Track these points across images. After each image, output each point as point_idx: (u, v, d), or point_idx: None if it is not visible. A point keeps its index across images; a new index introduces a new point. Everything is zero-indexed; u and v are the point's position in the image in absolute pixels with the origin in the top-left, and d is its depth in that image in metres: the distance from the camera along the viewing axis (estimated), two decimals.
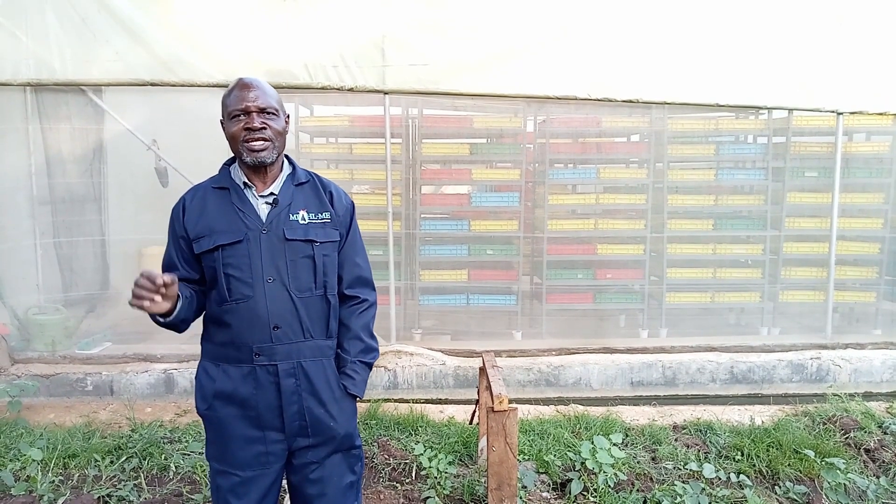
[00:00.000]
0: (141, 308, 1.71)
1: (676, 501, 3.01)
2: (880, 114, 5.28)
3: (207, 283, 1.94)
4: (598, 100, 4.93)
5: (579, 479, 3.18)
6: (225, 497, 1.92)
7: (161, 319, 1.84)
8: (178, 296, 1.82)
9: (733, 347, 5.25)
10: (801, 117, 5.61)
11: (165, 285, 1.70)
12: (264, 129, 1.85)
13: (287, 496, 2.10)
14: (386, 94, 4.79)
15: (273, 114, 1.89)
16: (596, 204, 5.93)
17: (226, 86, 1.93)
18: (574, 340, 5.35)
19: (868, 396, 4.67)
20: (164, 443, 3.62)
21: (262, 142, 1.85)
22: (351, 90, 4.67)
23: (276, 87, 4.78)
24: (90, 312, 5.34)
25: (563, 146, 5.99)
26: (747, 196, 6.09)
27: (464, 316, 5.90)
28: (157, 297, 1.70)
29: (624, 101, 4.97)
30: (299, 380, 1.91)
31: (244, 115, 1.85)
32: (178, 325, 1.90)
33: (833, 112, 5.27)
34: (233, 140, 1.88)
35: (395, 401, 4.55)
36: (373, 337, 2.10)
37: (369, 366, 2.08)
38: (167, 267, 1.95)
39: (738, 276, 5.89)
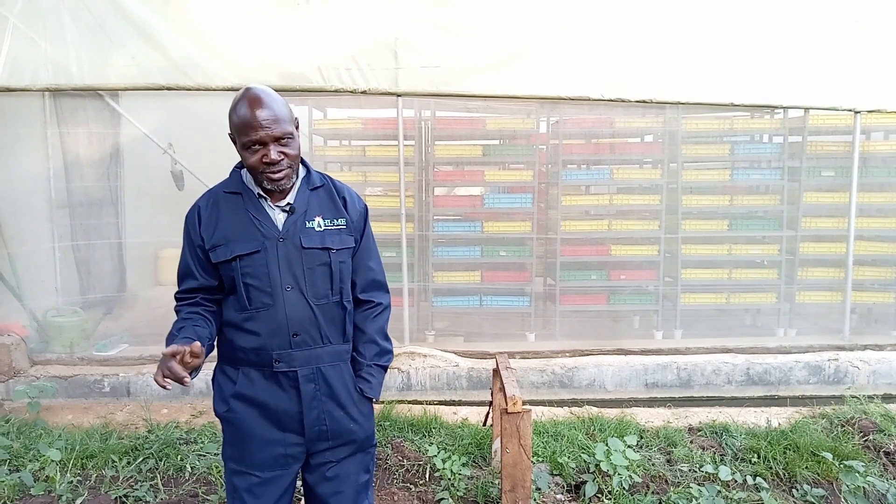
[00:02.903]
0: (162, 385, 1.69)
1: None
2: None
3: (226, 290, 1.93)
4: (612, 100, 4.91)
5: (594, 481, 3.16)
6: (242, 497, 1.92)
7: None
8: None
9: (749, 349, 5.20)
10: (818, 116, 5.55)
11: (187, 356, 1.68)
12: (282, 159, 1.82)
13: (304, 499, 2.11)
14: (399, 96, 4.80)
15: (289, 138, 1.83)
16: (609, 205, 5.91)
17: (240, 90, 1.91)
18: (588, 342, 5.33)
19: (887, 398, 4.61)
20: (179, 444, 3.66)
21: (280, 172, 1.83)
22: (364, 93, 4.68)
23: (289, 91, 4.80)
24: (107, 314, 5.40)
25: (577, 147, 5.98)
26: (763, 196, 6.03)
27: (477, 317, 5.90)
28: (186, 379, 1.69)
29: (637, 102, 4.94)
30: (319, 385, 1.92)
31: (260, 146, 1.80)
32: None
33: (850, 110, 5.21)
34: (252, 169, 1.85)
35: (409, 402, 4.55)
36: (387, 339, 2.11)
37: (384, 368, 2.09)
38: (184, 274, 1.94)
39: (753, 277, 5.84)
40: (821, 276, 5.74)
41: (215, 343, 1.99)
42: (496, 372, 3.16)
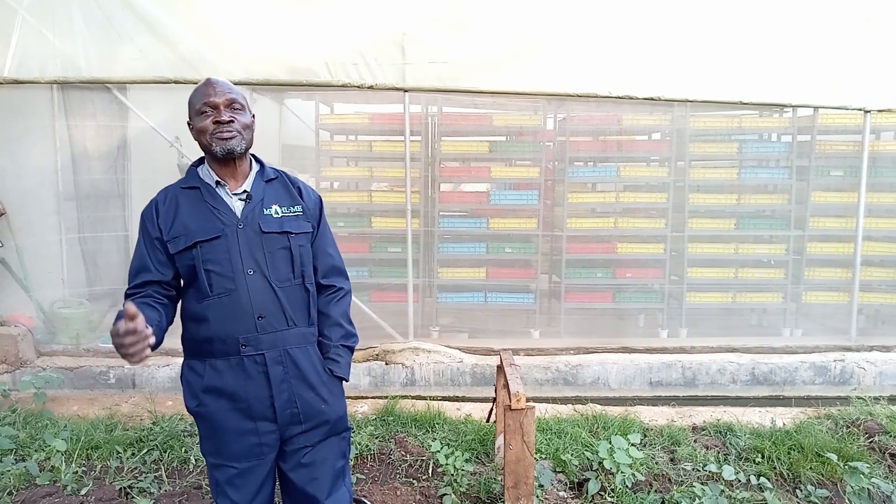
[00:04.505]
0: (140, 360, 1.64)
1: (695, 503, 2.98)
2: None
3: (184, 281, 1.96)
4: (619, 97, 4.89)
5: (597, 478, 3.16)
6: (223, 490, 1.96)
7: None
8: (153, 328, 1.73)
9: (755, 348, 5.18)
10: (827, 115, 5.52)
11: (133, 317, 1.60)
12: (232, 121, 1.91)
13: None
14: (406, 91, 4.79)
15: (239, 108, 1.94)
16: (616, 202, 5.89)
17: (247, 84, 1.98)
18: (592, 339, 5.32)
19: (894, 400, 4.58)
20: (184, 436, 3.67)
21: (231, 133, 1.90)
22: (371, 88, 4.68)
23: (296, 85, 4.81)
24: (113, 307, 5.42)
25: (584, 144, 5.95)
26: (771, 195, 5.99)
27: (482, 314, 5.90)
28: (151, 339, 1.65)
29: (645, 99, 4.92)
30: (287, 367, 1.95)
31: (212, 109, 1.90)
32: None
33: (860, 110, 5.17)
34: (201, 134, 1.92)
35: (413, 398, 4.55)
36: (351, 323, 2.17)
37: (351, 350, 2.15)
38: (137, 270, 1.95)
39: (760, 277, 5.81)
40: (828, 276, 5.71)
41: (180, 339, 2.01)
42: (500, 368, 3.16)
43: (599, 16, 4.78)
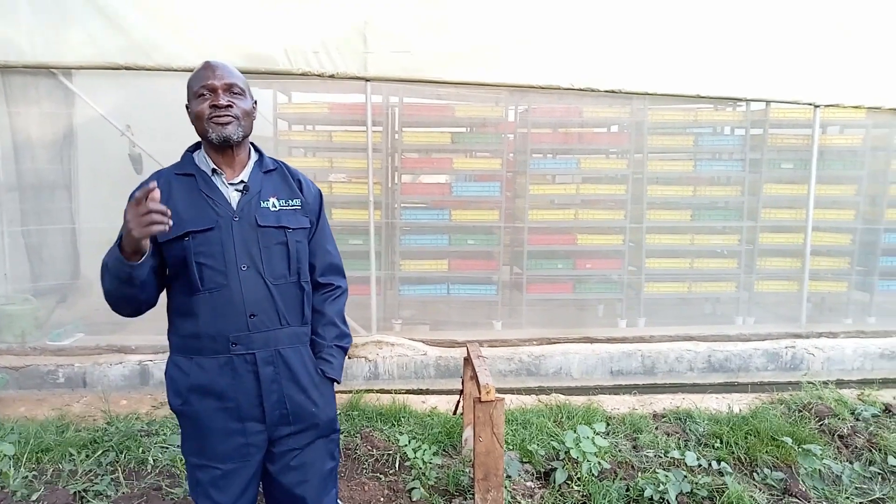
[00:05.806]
0: (150, 234, 1.59)
1: (660, 489, 3.04)
2: (855, 107, 5.38)
3: (172, 273, 1.86)
4: (581, 90, 4.93)
5: (563, 468, 3.19)
6: (206, 491, 1.88)
7: (134, 262, 1.67)
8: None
9: (710, 337, 5.32)
10: (779, 109, 5.68)
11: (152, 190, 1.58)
12: (230, 106, 1.82)
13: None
14: (368, 81, 4.72)
15: (239, 93, 1.85)
16: (576, 194, 5.94)
17: None
18: (554, 330, 5.37)
19: (840, 384, 4.77)
20: (141, 436, 3.55)
21: (228, 118, 1.81)
22: (332, 77, 4.59)
23: (255, 73, 4.68)
24: (61, 302, 5.21)
25: (545, 136, 5.99)
26: (725, 187, 6.15)
27: (444, 306, 5.89)
28: (170, 221, 1.61)
29: (606, 92, 4.97)
30: (278, 367, 1.89)
31: (210, 93, 1.81)
32: (139, 289, 1.74)
33: (810, 105, 5.35)
34: (198, 119, 1.83)
35: (377, 391, 4.52)
36: (346, 323, 2.11)
37: (345, 351, 2.09)
38: None
39: (714, 267, 5.96)
40: (779, 265, 5.90)
41: (167, 335, 1.93)
42: (467, 360, 3.15)
43: (562, 9, 4.80)
